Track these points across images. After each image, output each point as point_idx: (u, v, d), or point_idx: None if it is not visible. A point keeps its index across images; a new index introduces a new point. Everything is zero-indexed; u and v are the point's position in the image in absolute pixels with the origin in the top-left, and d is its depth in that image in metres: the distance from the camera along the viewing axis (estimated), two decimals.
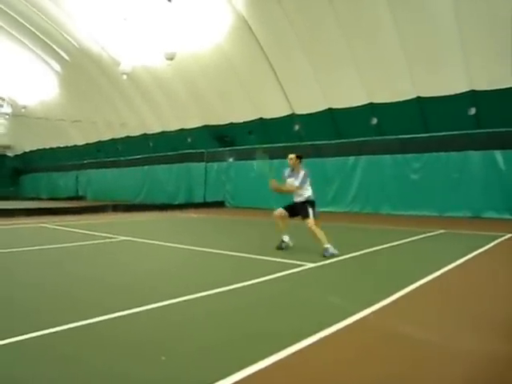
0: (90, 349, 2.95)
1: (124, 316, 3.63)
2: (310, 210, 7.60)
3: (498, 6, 12.96)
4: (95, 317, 3.53)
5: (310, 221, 7.42)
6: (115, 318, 3.58)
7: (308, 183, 7.93)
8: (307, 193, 7.85)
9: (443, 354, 2.93)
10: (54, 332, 3.19)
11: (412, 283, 4.82)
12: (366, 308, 3.87)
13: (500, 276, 5.73)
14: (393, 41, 15.10)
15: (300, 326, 3.45)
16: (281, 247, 7.58)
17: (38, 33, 24.42)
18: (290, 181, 7.91)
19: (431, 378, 2.61)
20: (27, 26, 23.92)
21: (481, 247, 7.67)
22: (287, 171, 8.07)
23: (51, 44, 25.09)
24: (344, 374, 2.65)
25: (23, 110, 31.76)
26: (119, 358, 2.81)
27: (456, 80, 14.86)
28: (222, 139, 22.48)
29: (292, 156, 8.01)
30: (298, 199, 7.83)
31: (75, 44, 23.90)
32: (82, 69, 25.64)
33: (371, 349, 3.06)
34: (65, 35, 23.53)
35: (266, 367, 2.62)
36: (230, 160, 21.49)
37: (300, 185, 7.75)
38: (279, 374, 2.59)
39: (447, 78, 15.00)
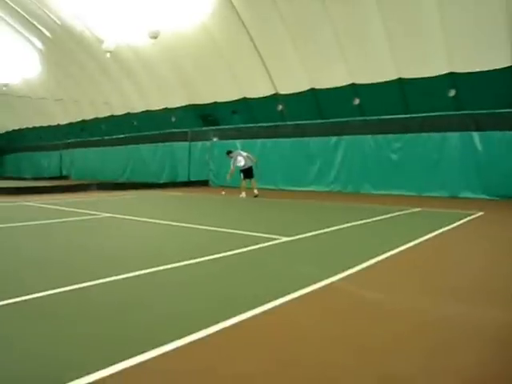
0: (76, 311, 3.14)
1: (100, 284, 3.83)
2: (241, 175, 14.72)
3: None
4: (74, 284, 3.73)
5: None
6: (95, 284, 3.78)
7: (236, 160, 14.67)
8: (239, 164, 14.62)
9: (396, 312, 3.18)
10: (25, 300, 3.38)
11: (381, 254, 5.07)
12: (332, 276, 4.11)
13: (464, 249, 6.03)
14: (375, 21, 15.20)
15: (268, 291, 3.68)
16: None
17: (18, 9, 24.00)
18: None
19: (386, 334, 2.85)
20: (7, 1, 23.53)
21: (451, 224, 7.97)
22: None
23: (32, 20, 24.70)
24: (308, 332, 2.88)
25: (5, 89, 31.31)
26: (87, 320, 3.00)
27: (436, 62, 15.05)
28: (206, 119, 22.53)
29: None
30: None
31: (57, 21, 23.57)
32: (64, 46, 25.34)
33: (334, 310, 3.29)
34: (46, 11, 23.16)
35: (231, 326, 2.84)
36: (214, 139, 21.57)
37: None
38: (243, 332, 2.82)
39: (428, 60, 15.19)
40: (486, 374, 2.33)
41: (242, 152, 15.07)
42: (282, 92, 19.30)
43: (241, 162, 14.64)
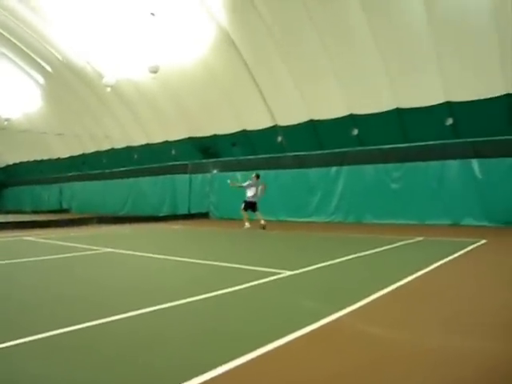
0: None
1: (98, 325, 3.76)
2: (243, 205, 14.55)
3: (471, 17, 13.40)
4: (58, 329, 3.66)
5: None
6: (98, 324, 3.71)
7: (249, 191, 14.58)
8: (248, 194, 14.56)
9: (405, 350, 3.12)
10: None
11: (384, 288, 5.00)
12: (338, 311, 4.04)
13: (469, 279, 5.96)
14: (372, 53, 15.48)
15: (274, 328, 3.61)
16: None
17: (20, 44, 24.41)
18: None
19: (394, 371, 2.78)
20: (8, 37, 23.95)
21: (454, 253, 7.92)
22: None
23: (34, 56, 25.11)
24: (311, 368, 2.81)
25: (6, 123, 31.59)
26: (103, 365, 2.94)
27: (433, 91, 15.27)
28: (206, 151, 22.68)
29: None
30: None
31: (58, 56, 23.96)
32: (65, 81, 25.69)
33: (339, 347, 3.22)
34: (47, 47, 23.58)
35: (238, 366, 2.78)
36: (214, 172, 21.66)
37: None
38: (250, 371, 2.75)
39: (425, 90, 15.42)
40: None
41: (259, 188, 14.67)
42: (282, 124, 19.46)
43: (251, 192, 14.53)
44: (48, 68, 25.64)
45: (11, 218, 20.05)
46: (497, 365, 2.94)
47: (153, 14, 18.19)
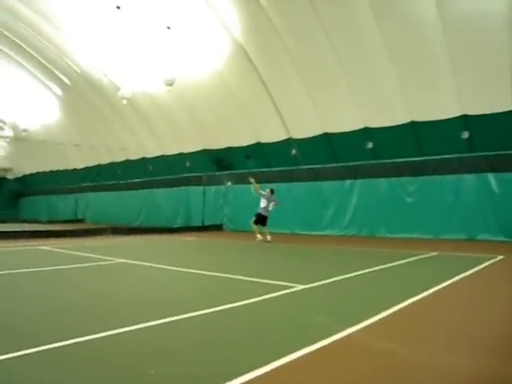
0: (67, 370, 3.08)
1: (110, 336, 3.77)
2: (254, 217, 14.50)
3: (487, 30, 13.30)
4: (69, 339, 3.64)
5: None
6: (110, 335, 3.71)
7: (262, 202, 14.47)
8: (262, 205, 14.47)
9: (409, 365, 3.07)
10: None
11: (397, 304, 4.95)
12: (350, 327, 4.00)
13: (485, 296, 5.87)
14: (386, 67, 15.44)
15: (285, 343, 3.59)
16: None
17: (38, 57, 24.88)
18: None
19: None
20: (28, 50, 24.43)
21: (471, 269, 7.80)
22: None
23: (52, 68, 25.55)
24: (322, 381, 2.79)
25: (24, 134, 32.07)
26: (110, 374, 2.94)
27: (448, 104, 15.16)
28: (220, 163, 22.75)
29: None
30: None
31: (76, 69, 24.34)
32: (82, 93, 26.07)
33: (349, 362, 3.19)
34: (66, 60, 23.97)
35: (251, 380, 2.76)
36: (228, 184, 21.70)
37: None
38: None
39: (440, 103, 15.32)
40: None
41: (271, 203, 14.47)
42: (296, 137, 19.48)
43: (263, 204, 14.46)
44: (66, 80, 26.05)
45: (27, 227, 20.26)
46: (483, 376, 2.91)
47: (169, 28, 18.42)
